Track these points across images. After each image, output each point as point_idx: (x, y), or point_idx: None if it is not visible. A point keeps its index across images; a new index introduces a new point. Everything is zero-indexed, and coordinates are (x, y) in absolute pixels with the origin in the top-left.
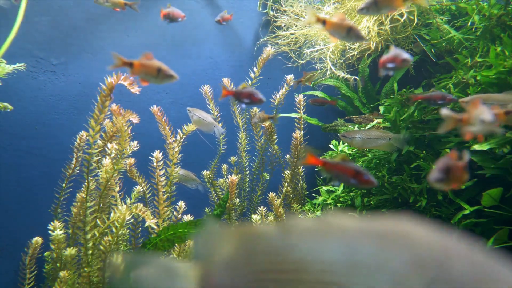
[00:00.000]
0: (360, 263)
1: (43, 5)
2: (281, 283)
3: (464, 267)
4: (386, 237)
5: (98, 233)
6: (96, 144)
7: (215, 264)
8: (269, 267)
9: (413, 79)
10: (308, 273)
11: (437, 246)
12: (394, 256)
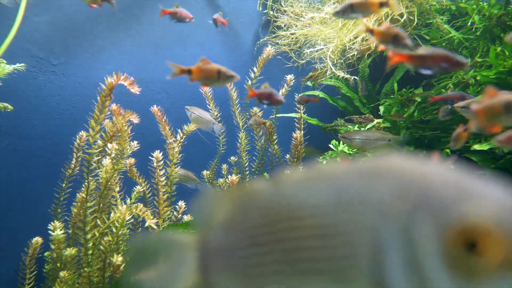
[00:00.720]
0: (346, 200)
1: (43, 5)
2: (275, 234)
3: (445, 191)
4: (370, 173)
5: (98, 233)
6: (96, 144)
7: (212, 228)
8: (262, 221)
9: (413, 79)
10: (299, 219)
11: (419, 174)
12: (377, 189)
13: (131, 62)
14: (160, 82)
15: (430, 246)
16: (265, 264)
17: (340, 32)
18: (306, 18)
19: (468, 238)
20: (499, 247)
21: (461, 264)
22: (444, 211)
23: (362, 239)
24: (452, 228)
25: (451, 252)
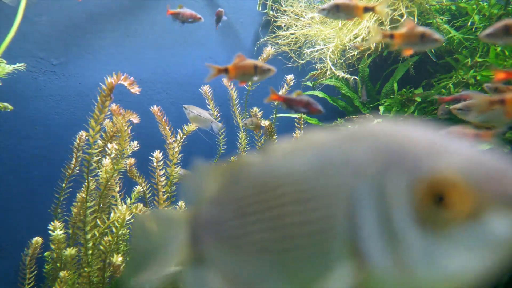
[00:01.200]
0: (325, 164)
1: (43, 5)
2: (262, 204)
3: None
4: (349, 138)
5: (98, 233)
6: (96, 144)
7: (203, 203)
8: (250, 192)
9: (413, 79)
10: (283, 187)
11: (393, 134)
12: (353, 152)
13: (131, 62)
14: (160, 82)
15: (401, 202)
16: (253, 233)
17: (340, 32)
18: (306, 18)
19: (435, 191)
20: (464, 199)
21: (430, 217)
22: (414, 166)
23: (339, 200)
24: (420, 182)
25: (420, 206)
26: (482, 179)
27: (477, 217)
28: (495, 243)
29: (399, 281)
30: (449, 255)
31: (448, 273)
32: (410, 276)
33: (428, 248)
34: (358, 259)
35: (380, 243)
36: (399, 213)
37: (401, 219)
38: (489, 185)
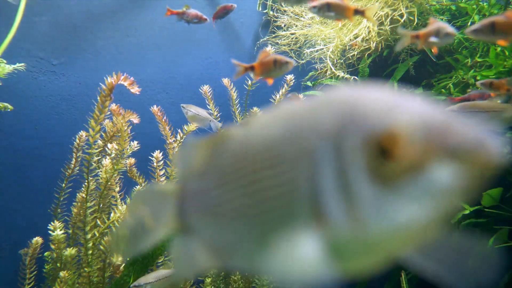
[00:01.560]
0: (293, 130)
1: (43, 5)
2: (240, 172)
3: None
4: (316, 103)
5: (98, 233)
6: (96, 144)
7: (189, 176)
8: (231, 162)
9: (413, 79)
10: (259, 154)
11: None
12: (318, 115)
13: (131, 62)
14: (160, 82)
15: (354, 158)
16: (232, 200)
17: (340, 32)
18: (306, 18)
19: (383, 146)
20: (409, 152)
21: (379, 171)
22: (365, 124)
23: (303, 162)
24: (369, 138)
25: (370, 161)
26: (426, 132)
27: (421, 169)
28: (439, 192)
29: (355, 236)
30: (397, 207)
31: (397, 225)
32: (365, 230)
33: (379, 202)
34: (320, 217)
35: (338, 200)
36: (353, 169)
37: (355, 176)
38: (432, 138)
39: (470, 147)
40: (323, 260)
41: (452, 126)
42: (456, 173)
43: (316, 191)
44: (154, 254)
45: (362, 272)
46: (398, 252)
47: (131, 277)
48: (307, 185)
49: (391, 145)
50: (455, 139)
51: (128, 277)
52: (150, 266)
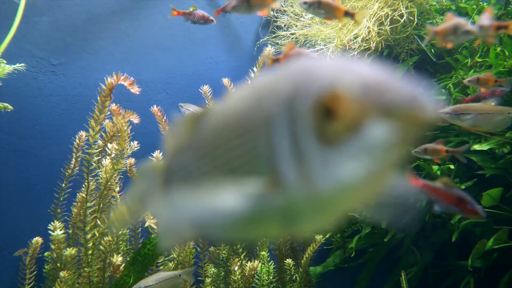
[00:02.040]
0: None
1: (43, 5)
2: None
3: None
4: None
5: (98, 233)
6: (96, 144)
7: (174, 153)
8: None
9: None
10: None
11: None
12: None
13: (131, 62)
14: (160, 82)
15: (305, 120)
16: (209, 171)
17: (340, 32)
18: (306, 18)
19: (326, 107)
20: (349, 111)
21: (324, 132)
22: (313, 87)
23: (263, 129)
24: (315, 100)
25: (316, 122)
26: (364, 91)
27: (360, 127)
28: (377, 148)
29: (307, 196)
30: (341, 165)
31: (343, 182)
32: (315, 190)
33: (326, 162)
34: (277, 180)
35: (291, 163)
36: (303, 132)
37: (305, 137)
38: (369, 96)
39: (404, 104)
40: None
41: (388, 86)
42: (392, 129)
43: (273, 155)
44: (154, 254)
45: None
46: (346, 209)
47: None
48: (266, 150)
49: (333, 105)
50: (390, 97)
51: (128, 277)
52: (150, 266)
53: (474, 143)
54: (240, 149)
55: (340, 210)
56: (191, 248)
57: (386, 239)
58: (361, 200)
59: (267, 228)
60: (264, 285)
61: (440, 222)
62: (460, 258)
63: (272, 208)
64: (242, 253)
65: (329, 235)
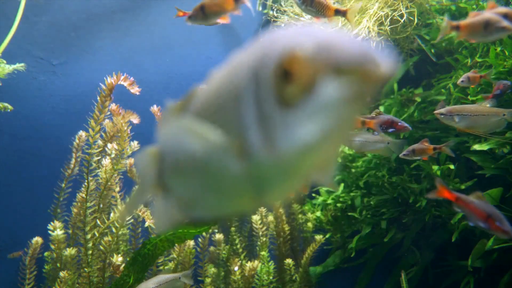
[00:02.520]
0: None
1: (43, 5)
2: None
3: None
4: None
5: (98, 233)
6: (96, 144)
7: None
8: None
9: (413, 79)
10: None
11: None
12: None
13: (131, 62)
14: (160, 82)
15: (266, 86)
16: None
17: None
18: (306, 18)
19: (284, 69)
20: (303, 72)
21: (284, 94)
22: (274, 51)
23: (234, 101)
24: (275, 64)
25: (276, 86)
26: (316, 51)
27: (315, 86)
28: (331, 107)
29: (271, 160)
30: (299, 126)
31: (303, 143)
32: (279, 154)
33: (286, 124)
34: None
35: (256, 128)
36: (266, 96)
37: (267, 102)
38: (321, 55)
39: (354, 60)
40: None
41: (338, 44)
42: (345, 86)
43: (241, 124)
44: (154, 254)
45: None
46: (311, 171)
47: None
48: (236, 120)
49: (290, 66)
50: (340, 54)
51: (128, 277)
52: (150, 266)
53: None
54: (216, 124)
55: (304, 172)
56: (191, 248)
57: (386, 239)
58: (322, 161)
59: (240, 198)
60: (264, 285)
61: (440, 222)
62: (460, 258)
63: (241, 176)
64: (242, 253)
65: (329, 235)
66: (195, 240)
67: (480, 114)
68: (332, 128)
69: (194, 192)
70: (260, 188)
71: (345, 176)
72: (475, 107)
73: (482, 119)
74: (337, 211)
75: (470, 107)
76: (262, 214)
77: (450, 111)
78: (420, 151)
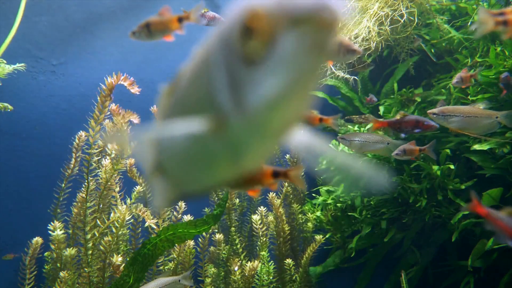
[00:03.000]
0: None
1: (43, 5)
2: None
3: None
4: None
5: (98, 233)
6: (96, 144)
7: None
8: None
9: (413, 79)
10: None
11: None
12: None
13: (131, 62)
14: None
15: (234, 48)
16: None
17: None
18: None
19: (246, 26)
20: (264, 26)
21: (248, 52)
22: (237, 13)
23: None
24: (238, 23)
25: (242, 44)
26: (274, 6)
27: (275, 40)
28: (292, 59)
29: (243, 122)
30: (264, 82)
31: (267, 99)
32: (249, 113)
33: (252, 82)
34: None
35: (226, 92)
36: (232, 57)
37: (235, 62)
38: (278, 10)
39: (308, 9)
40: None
41: None
42: (303, 36)
43: (213, 91)
44: (154, 254)
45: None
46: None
47: (131, 277)
48: (211, 87)
49: (251, 22)
50: (297, 6)
51: (128, 277)
52: (150, 266)
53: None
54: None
55: (275, 130)
56: (191, 248)
57: (386, 239)
58: (291, 118)
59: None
60: (264, 285)
61: (440, 222)
62: (460, 258)
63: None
64: (242, 253)
65: (329, 235)
66: (195, 240)
67: (472, 115)
68: (295, 81)
69: (183, 169)
70: (237, 152)
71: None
72: (468, 108)
73: (474, 121)
74: (337, 211)
75: (463, 108)
76: (262, 214)
77: (443, 112)
78: (410, 152)
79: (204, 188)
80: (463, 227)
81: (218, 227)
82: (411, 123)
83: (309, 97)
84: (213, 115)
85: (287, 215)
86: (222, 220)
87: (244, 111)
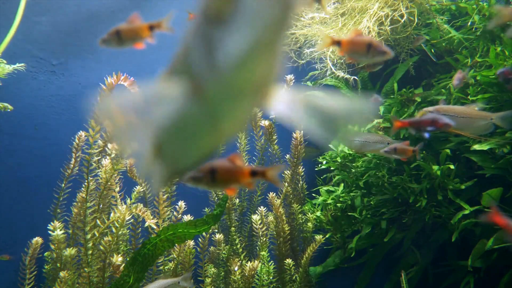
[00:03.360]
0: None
1: (43, 5)
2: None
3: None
4: None
5: (98, 233)
6: (96, 144)
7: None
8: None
9: (413, 79)
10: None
11: None
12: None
13: (131, 62)
14: None
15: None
16: None
17: (340, 32)
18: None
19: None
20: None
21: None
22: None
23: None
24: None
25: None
26: None
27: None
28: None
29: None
30: (231, 39)
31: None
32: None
33: (221, 41)
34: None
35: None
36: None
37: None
38: None
39: None
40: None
41: None
42: None
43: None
44: (154, 254)
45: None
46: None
47: (131, 277)
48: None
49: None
50: None
51: (128, 277)
52: (150, 266)
53: (474, 143)
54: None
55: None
56: (191, 248)
57: (386, 239)
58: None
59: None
60: (264, 285)
61: (440, 222)
62: (460, 258)
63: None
64: (242, 253)
65: (329, 235)
66: (195, 240)
67: (467, 116)
68: (261, 35)
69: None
70: (215, 117)
71: (345, 176)
72: (463, 109)
73: (468, 122)
74: (337, 211)
75: (458, 109)
76: (262, 214)
77: (438, 111)
78: (401, 151)
79: (193, 162)
80: (463, 227)
81: (218, 227)
82: (427, 122)
83: (279, 52)
84: (190, 78)
85: (287, 215)
86: (222, 220)
87: (214, 69)
